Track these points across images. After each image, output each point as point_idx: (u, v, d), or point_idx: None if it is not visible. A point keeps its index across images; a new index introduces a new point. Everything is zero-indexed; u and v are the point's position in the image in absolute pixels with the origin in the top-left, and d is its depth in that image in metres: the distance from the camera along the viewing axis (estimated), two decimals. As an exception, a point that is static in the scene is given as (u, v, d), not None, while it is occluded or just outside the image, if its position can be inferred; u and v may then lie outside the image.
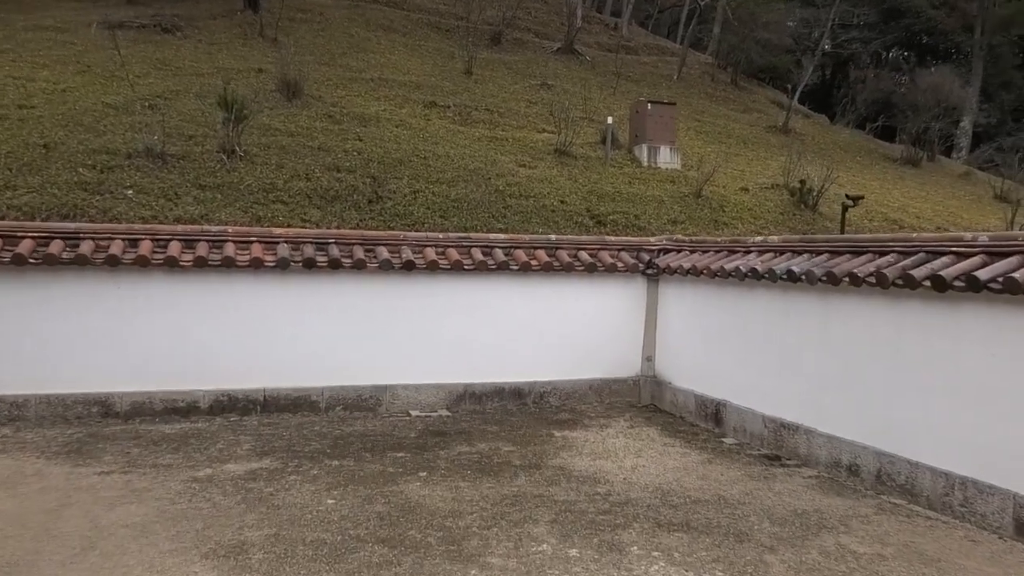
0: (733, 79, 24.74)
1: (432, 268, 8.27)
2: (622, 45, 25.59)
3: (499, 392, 8.60)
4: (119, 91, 14.36)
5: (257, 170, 12.21)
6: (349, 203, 11.79)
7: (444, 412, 8.27)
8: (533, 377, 8.71)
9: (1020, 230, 16.04)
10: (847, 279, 6.15)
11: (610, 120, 15.50)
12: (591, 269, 8.72)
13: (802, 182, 14.94)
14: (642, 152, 15.68)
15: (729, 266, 7.55)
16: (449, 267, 8.35)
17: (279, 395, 8.04)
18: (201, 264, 7.71)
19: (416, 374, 8.39)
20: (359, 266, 8.09)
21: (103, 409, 7.65)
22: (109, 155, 11.90)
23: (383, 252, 8.31)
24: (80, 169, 11.40)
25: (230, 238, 8.08)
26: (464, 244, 8.66)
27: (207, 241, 8.02)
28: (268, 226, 10.07)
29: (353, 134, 14.19)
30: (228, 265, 7.77)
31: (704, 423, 7.96)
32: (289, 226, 10.39)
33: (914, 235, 6.40)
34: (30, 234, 7.57)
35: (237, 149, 12.49)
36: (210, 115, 13.28)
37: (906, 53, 31.82)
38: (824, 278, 6.35)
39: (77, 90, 14.16)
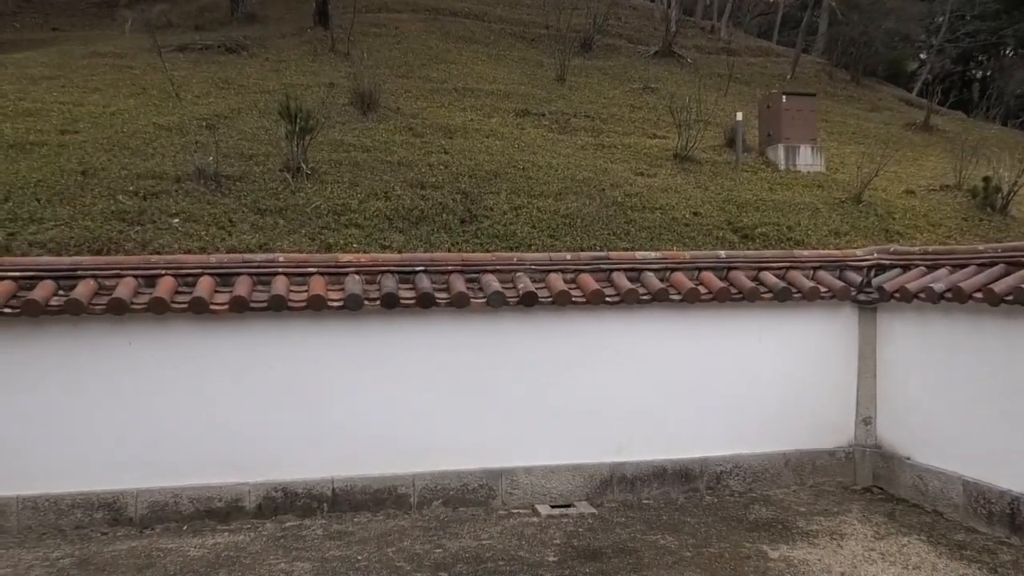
0: (854, 76, 21.69)
1: (560, 302, 5.75)
2: (723, 47, 22.89)
3: (659, 474, 5.98)
4: (174, 111, 12.45)
5: (327, 190, 9.99)
6: (438, 224, 9.42)
7: (586, 507, 5.69)
8: (705, 451, 6.06)
9: None
10: None
11: (739, 117, 12.82)
12: (783, 296, 6.05)
13: (986, 180, 11.92)
14: (778, 153, 12.92)
15: (1031, 285, 4.82)
16: (584, 300, 5.82)
17: (354, 487, 5.61)
18: (240, 307, 5.39)
19: (543, 452, 5.85)
20: (460, 302, 5.64)
21: (111, 514, 5.35)
22: (155, 180, 9.86)
23: (491, 282, 5.85)
24: (120, 196, 9.36)
25: (281, 269, 5.76)
26: (603, 267, 6.12)
27: (250, 275, 5.70)
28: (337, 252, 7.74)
29: (438, 147, 11.88)
30: (277, 307, 5.43)
31: (987, 527, 5.15)
32: (363, 252, 8.04)
33: None
34: (10, 273, 5.39)
35: (303, 167, 10.30)
36: (272, 131, 11.19)
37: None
38: None
39: (127, 112, 12.29)
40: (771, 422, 6.15)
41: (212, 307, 5.37)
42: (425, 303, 5.61)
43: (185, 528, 5.34)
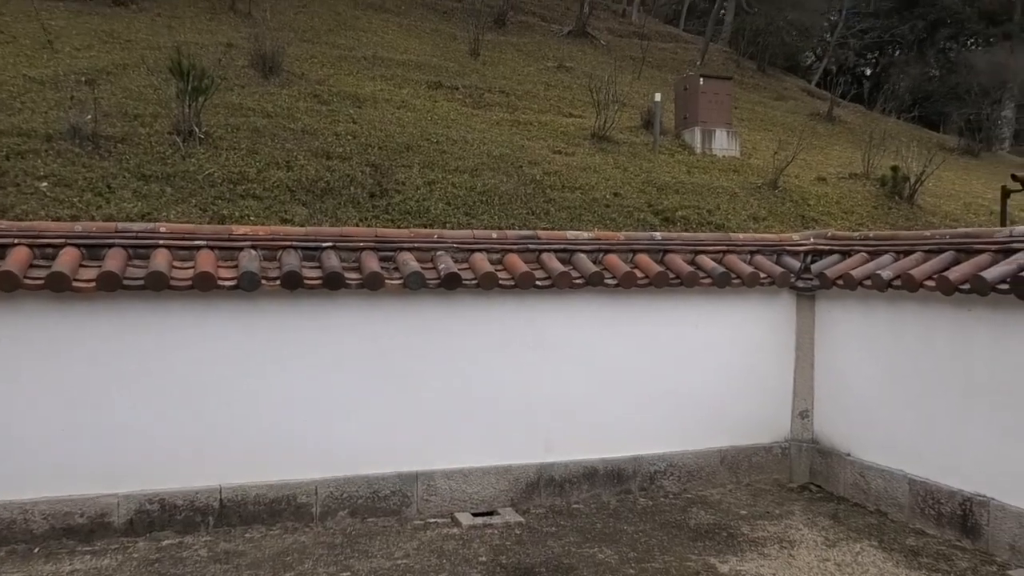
0: (760, 66, 21.74)
1: (486, 285, 5.04)
2: (635, 31, 22.57)
3: (590, 475, 5.37)
4: (48, 64, 11.01)
5: (222, 156, 8.94)
6: (345, 197, 8.54)
7: (511, 515, 5.01)
8: (638, 449, 5.48)
9: None
10: None
11: (658, 97, 12.36)
12: (722, 282, 5.52)
13: (895, 170, 11.88)
14: (694, 136, 12.55)
15: (991, 275, 4.42)
16: (513, 283, 5.12)
17: (245, 497, 4.75)
18: (110, 285, 4.43)
19: (463, 452, 5.13)
20: (373, 284, 4.85)
21: (-57, 533, 4.35)
22: (21, 137, 8.57)
23: (409, 261, 5.07)
24: (-24, 156, 8.07)
25: (163, 241, 4.81)
26: (531, 247, 5.43)
27: (125, 247, 4.74)
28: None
29: (345, 116, 10.93)
30: (156, 286, 4.50)
31: (936, 528, 4.77)
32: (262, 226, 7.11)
33: None
34: None
35: (196, 130, 9.19)
36: (162, 91, 9.98)
37: (944, 41, 28.98)
38: None
39: (-7, 63, 10.79)
40: (707, 417, 5.64)
41: (75, 284, 4.39)
42: (333, 284, 4.79)
43: (36, 551, 4.38)
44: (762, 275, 5.67)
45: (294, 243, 5.03)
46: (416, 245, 5.23)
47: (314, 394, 4.88)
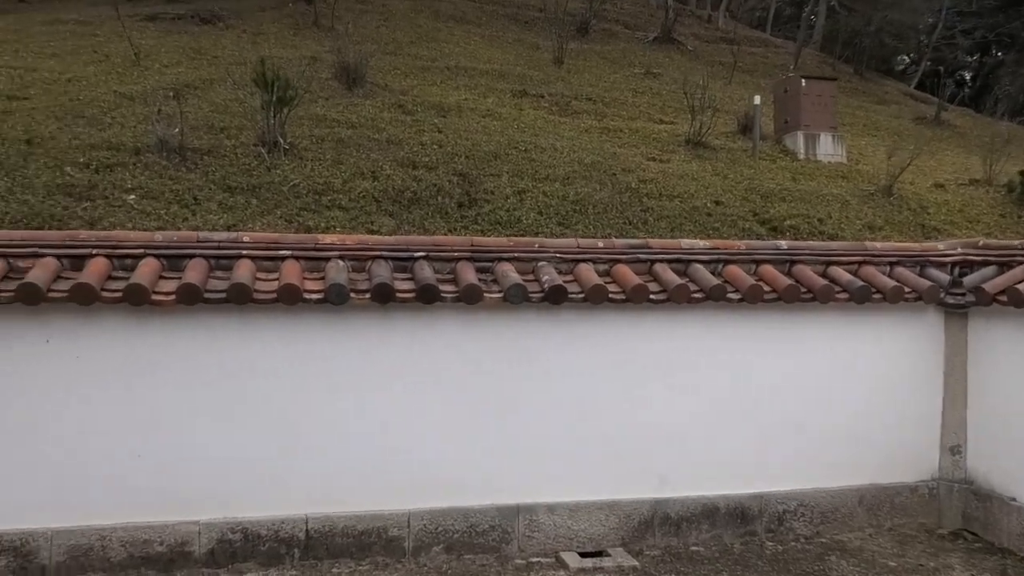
0: (857, 69, 20.68)
1: (594, 299, 4.55)
2: (721, 37, 21.82)
3: (710, 514, 4.79)
4: (138, 80, 11.11)
5: (307, 167, 8.73)
6: (432, 207, 8.19)
7: (624, 557, 4.48)
8: (763, 486, 4.88)
9: None
10: None
11: (757, 100, 11.68)
12: (861, 297, 4.89)
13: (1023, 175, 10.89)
14: (797, 141, 11.80)
15: None
16: (624, 297, 4.62)
17: (333, 528, 4.37)
18: (191, 298, 4.13)
19: (568, 484, 4.63)
20: (471, 297, 4.42)
21: (18, 560, 4.07)
22: (111, 151, 8.55)
23: (509, 272, 4.63)
24: (68, 168, 8.05)
25: (246, 251, 4.50)
26: (642, 257, 4.93)
27: (206, 257, 4.45)
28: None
29: (430, 125, 10.64)
30: (239, 299, 4.19)
31: None
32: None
33: None
34: None
35: (280, 141, 9.02)
36: (247, 104, 9.90)
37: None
38: None
39: (85, 79, 10.93)
40: (842, 451, 4.99)
41: (154, 297, 4.11)
42: (427, 297, 4.38)
43: (115, 582, 4.09)
44: (906, 290, 5.00)
45: (384, 253, 4.66)
46: (516, 255, 4.78)
47: (406, 417, 4.48)
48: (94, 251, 4.28)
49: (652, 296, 4.65)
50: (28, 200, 7.39)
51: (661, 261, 4.90)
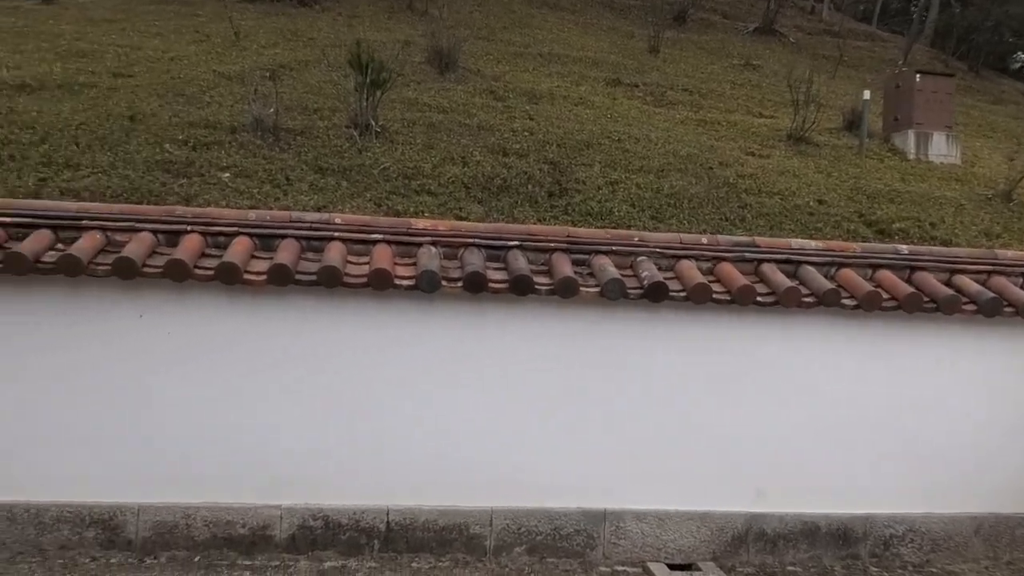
0: (972, 66, 19.53)
1: (697, 298, 4.30)
2: (825, 29, 20.95)
3: (809, 533, 4.49)
4: (236, 60, 11.29)
5: (398, 151, 8.68)
6: (522, 195, 8.02)
7: (715, 573, 4.22)
8: (870, 507, 4.54)
9: None
10: None
11: (866, 95, 11.08)
12: (991, 310, 4.48)
13: None
14: (907, 140, 11.14)
15: None
16: (729, 298, 4.36)
17: (414, 521, 4.26)
18: (281, 278, 4.07)
19: (657, 492, 4.40)
20: (566, 290, 4.23)
21: (106, 534, 4.11)
22: (208, 129, 8.68)
23: (606, 266, 4.42)
24: (167, 145, 8.20)
25: (338, 233, 4.42)
26: (749, 256, 4.64)
27: (298, 238, 4.39)
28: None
29: (522, 112, 10.47)
30: (329, 282, 4.11)
31: None
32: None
33: None
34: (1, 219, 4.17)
35: (372, 124, 9.00)
36: (341, 86, 9.94)
37: None
38: None
39: (187, 58, 11.17)
40: (958, 475, 4.60)
41: (246, 276, 4.07)
42: (521, 289, 4.21)
43: (197, 559, 4.08)
44: (1040, 302, 4.57)
45: (477, 240, 4.51)
46: (614, 248, 4.57)
47: (492, 411, 4.33)
48: (189, 227, 4.26)
49: (759, 298, 4.36)
50: (129, 175, 7.54)
51: (769, 261, 4.60)
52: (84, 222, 4.20)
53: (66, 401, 4.08)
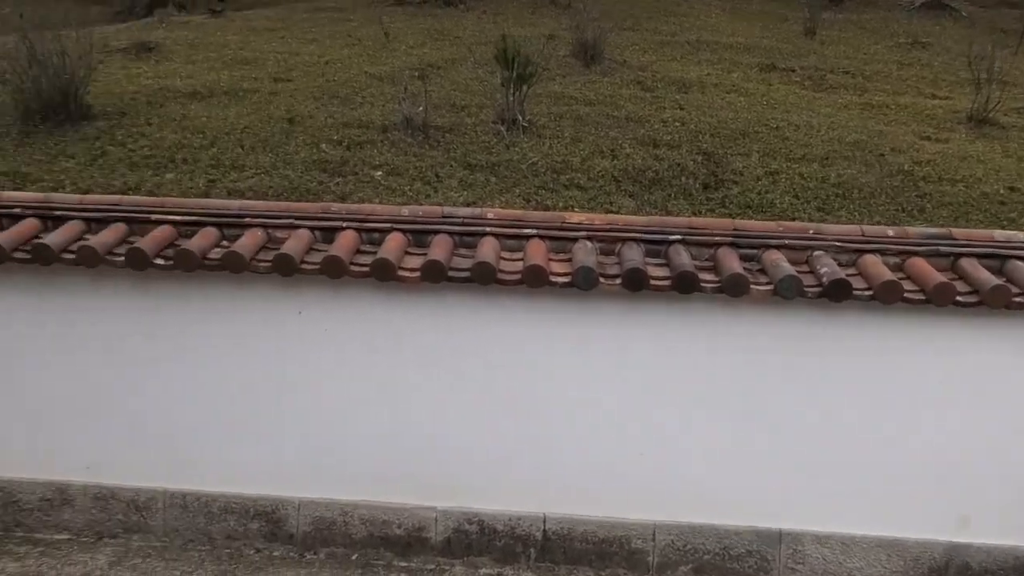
0: None
1: (885, 298, 3.81)
2: (1001, 0, 19.03)
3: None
4: (386, 61, 11.50)
5: (545, 145, 8.50)
6: (675, 188, 7.64)
7: (909, 606, 3.78)
8: (1099, 538, 3.93)
9: None
10: None
11: (1063, 69, 9.88)
12: None
13: None
14: (1112, 119, 9.85)
15: None
16: (923, 297, 3.85)
17: (572, 531, 4.05)
18: (435, 275, 3.95)
19: (840, 513, 3.96)
20: (735, 288, 3.87)
21: (268, 526, 4.15)
22: (361, 129, 8.84)
23: (779, 261, 4.02)
24: (323, 145, 8.41)
25: (490, 228, 4.26)
26: (944, 250, 4.10)
27: (450, 233, 4.26)
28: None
29: (671, 102, 10.04)
30: (483, 279, 3.95)
31: None
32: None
33: None
34: (170, 216, 4.29)
35: (519, 119, 8.87)
36: (487, 82, 9.91)
37: None
38: None
39: (340, 61, 11.50)
40: None
41: (400, 273, 3.98)
42: (685, 286, 3.89)
43: (354, 557, 4.05)
44: None
45: (636, 235, 4.22)
46: (787, 242, 4.15)
47: (652, 417, 4.03)
48: (344, 224, 4.22)
49: (959, 298, 3.83)
50: (288, 175, 7.76)
51: (969, 255, 4.05)
52: (246, 219, 4.25)
53: (232, 395, 4.15)
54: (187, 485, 4.18)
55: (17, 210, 4.28)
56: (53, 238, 4.09)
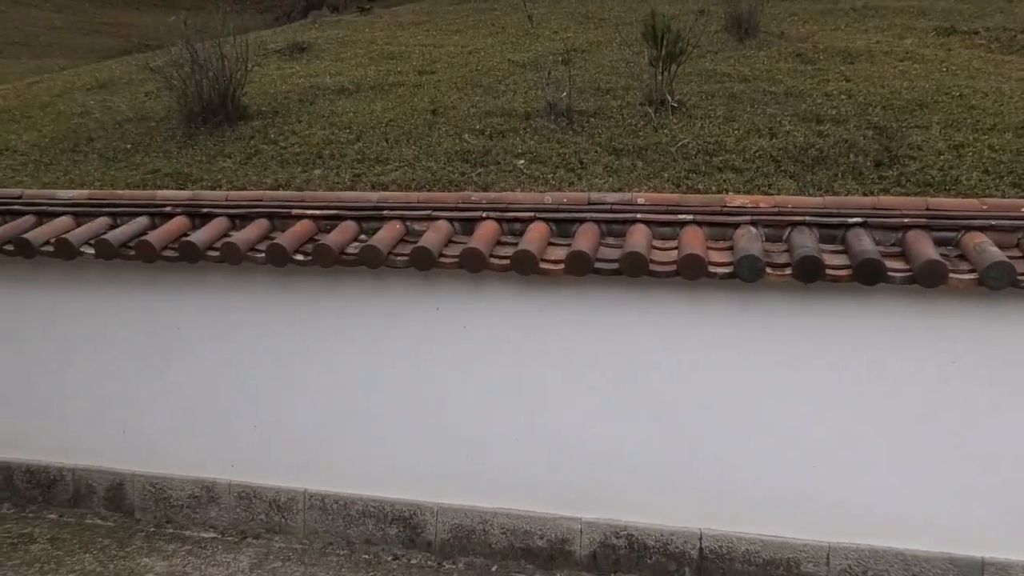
0: None
1: None
2: None
3: None
4: (530, 48, 11.26)
5: (696, 126, 7.95)
6: (843, 167, 6.91)
7: None
8: None
9: None
10: None
11: None
12: None
13: None
14: None
15: None
16: None
17: (732, 550, 3.61)
18: (580, 267, 3.61)
19: (1062, 543, 3.33)
20: (929, 277, 3.29)
21: (406, 532, 3.98)
22: (503, 117, 8.62)
23: (985, 246, 3.38)
24: (465, 135, 8.26)
25: (640, 215, 3.86)
26: None
27: (596, 221, 3.90)
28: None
29: (835, 74, 9.17)
30: (634, 270, 3.57)
31: None
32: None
33: None
34: (310, 210, 4.20)
35: (668, 99, 8.35)
36: (633, 63, 9.41)
37: None
38: None
39: (483, 51, 11.38)
40: None
41: (542, 265, 3.67)
42: (868, 276, 3.35)
43: (494, 569, 3.79)
44: None
45: (808, 218, 3.70)
46: (992, 223, 3.50)
47: (828, 426, 3.52)
48: (484, 214, 3.97)
49: None
50: (431, 167, 7.66)
51: None
52: (385, 212, 4.09)
53: (368, 394, 4.00)
54: (326, 486, 4.09)
55: (168, 208, 4.33)
56: (199, 235, 4.10)
